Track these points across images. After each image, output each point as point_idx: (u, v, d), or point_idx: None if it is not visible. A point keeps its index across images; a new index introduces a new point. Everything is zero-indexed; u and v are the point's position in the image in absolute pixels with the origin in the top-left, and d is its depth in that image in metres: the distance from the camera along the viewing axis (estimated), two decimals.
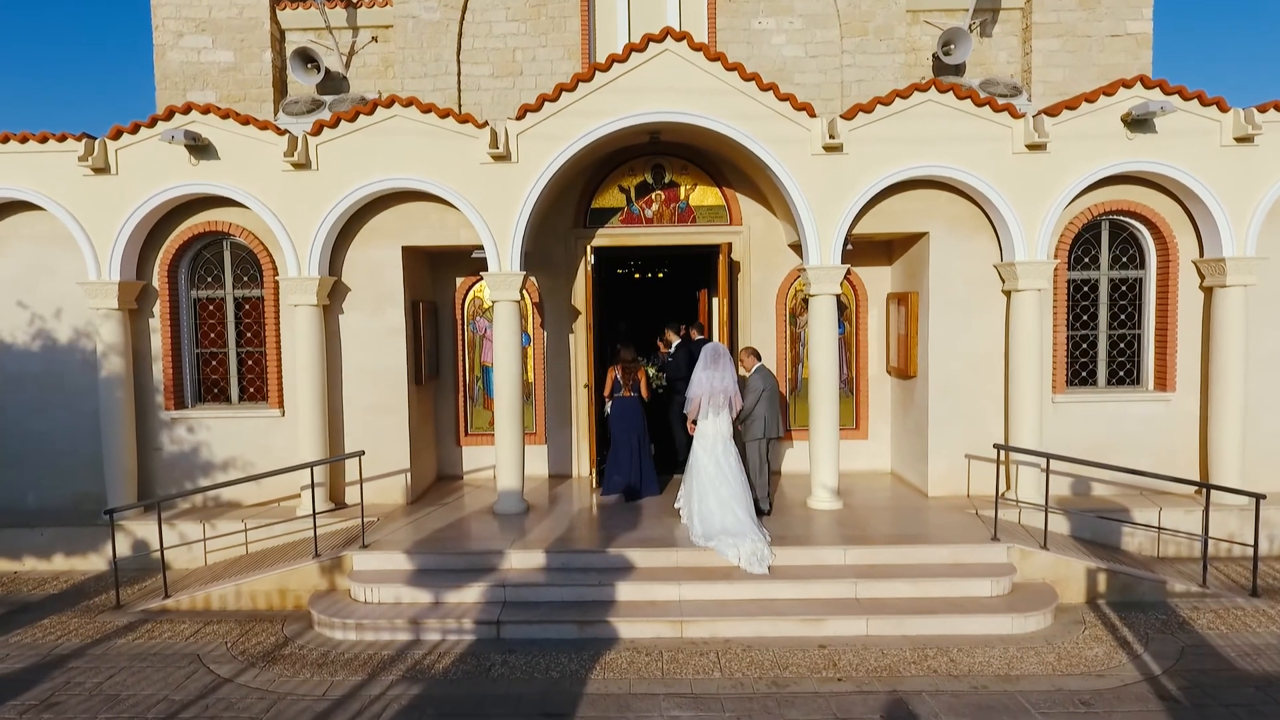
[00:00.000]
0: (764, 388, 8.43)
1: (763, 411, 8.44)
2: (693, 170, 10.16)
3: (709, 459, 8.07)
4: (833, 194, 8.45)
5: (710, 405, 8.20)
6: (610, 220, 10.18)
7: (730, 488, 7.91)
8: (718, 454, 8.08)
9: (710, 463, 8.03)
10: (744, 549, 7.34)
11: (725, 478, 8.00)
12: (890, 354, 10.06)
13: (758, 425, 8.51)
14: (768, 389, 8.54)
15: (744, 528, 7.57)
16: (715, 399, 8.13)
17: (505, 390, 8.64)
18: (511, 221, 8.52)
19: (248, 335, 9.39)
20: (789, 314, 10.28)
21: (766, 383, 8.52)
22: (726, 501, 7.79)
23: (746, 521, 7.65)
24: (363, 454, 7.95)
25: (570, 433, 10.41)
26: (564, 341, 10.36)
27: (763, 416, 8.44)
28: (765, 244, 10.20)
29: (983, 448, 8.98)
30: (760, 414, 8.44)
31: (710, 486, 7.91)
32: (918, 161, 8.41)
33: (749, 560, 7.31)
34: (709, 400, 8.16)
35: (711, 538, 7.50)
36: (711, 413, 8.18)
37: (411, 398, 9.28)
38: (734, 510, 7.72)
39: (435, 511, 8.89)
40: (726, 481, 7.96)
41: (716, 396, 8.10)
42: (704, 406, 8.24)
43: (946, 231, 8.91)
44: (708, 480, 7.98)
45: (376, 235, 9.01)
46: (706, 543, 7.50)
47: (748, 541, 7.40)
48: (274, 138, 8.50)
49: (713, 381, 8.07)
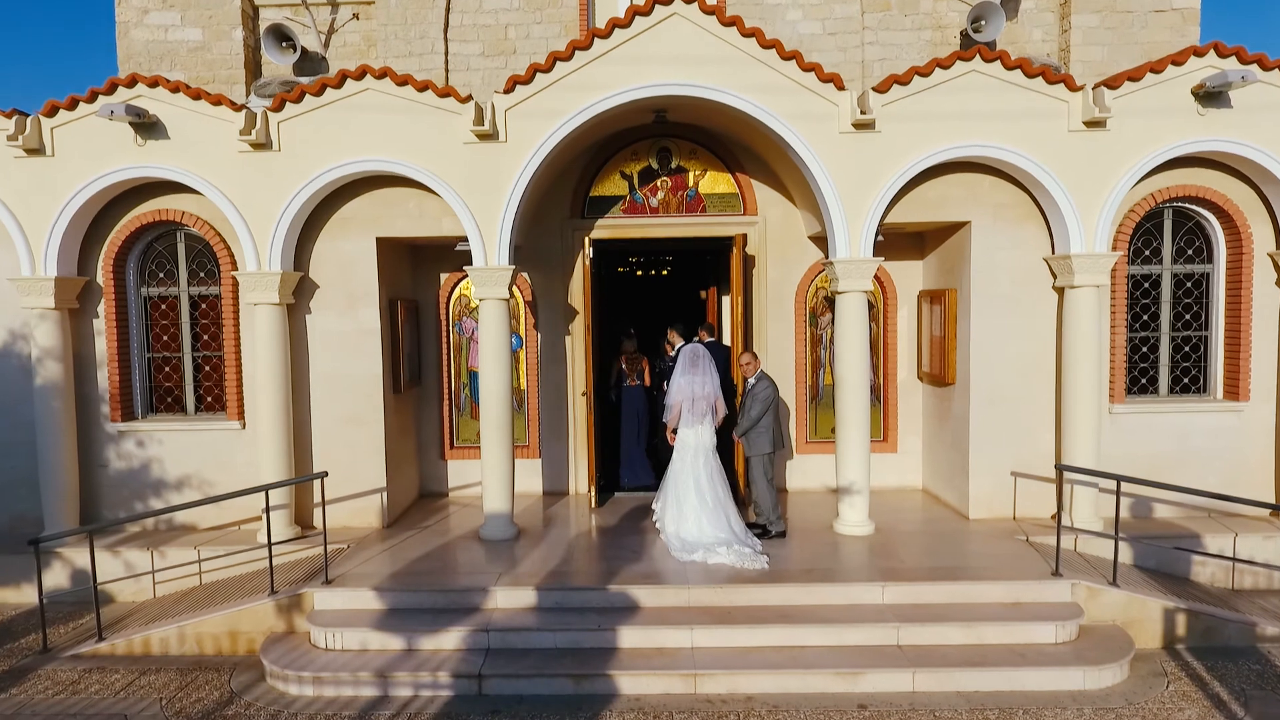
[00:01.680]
0: (771, 397, 7.52)
1: (769, 423, 7.55)
2: (702, 154, 9.16)
3: (688, 473, 7.39)
4: (863, 177, 7.45)
5: (691, 413, 7.46)
6: (611, 210, 9.18)
7: (712, 504, 7.30)
8: (699, 467, 7.37)
9: (689, 478, 7.38)
10: (729, 551, 6.91)
11: (704, 495, 7.32)
12: (922, 358, 9.06)
13: (764, 438, 7.60)
14: (777, 397, 7.64)
15: (726, 539, 7.08)
16: (696, 406, 7.42)
17: (493, 399, 7.64)
18: (499, 209, 7.52)
19: (205, 338, 8.39)
20: (809, 314, 9.28)
21: (773, 389, 7.62)
22: (707, 520, 7.24)
23: (729, 535, 7.16)
24: (325, 475, 6.93)
25: (567, 445, 9.40)
26: (559, 344, 9.35)
27: (769, 428, 7.55)
28: (782, 236, 9.20)
29: (1030, 464, 7.98)
30: (767, 425, 7.55)
31: (690, 504, 7.34)
32: (960, 141, 7.40)
33: (736, 559, 6.80)
34: (689, 407, 7.42)
35: (693, 550, 7.02)
36: (692, 420, 7.44)
37: (389, 407, 8.28)
38: (716, 528, 7.20)
39: (414, 537, 7.88)
40: (705, 500, 7.31)
41: (698, 403, 7.41)
42: (684, 414, 7.46)
43: (990, 221, 7.90)
44: (686, 497, 7.38)
45: (348, 225, 8.01)
46: (688, 556, 6.97)
47: (735, 545, 6.97)
48: (229, 114, 7.50)
49: (693, 387, 7.41)
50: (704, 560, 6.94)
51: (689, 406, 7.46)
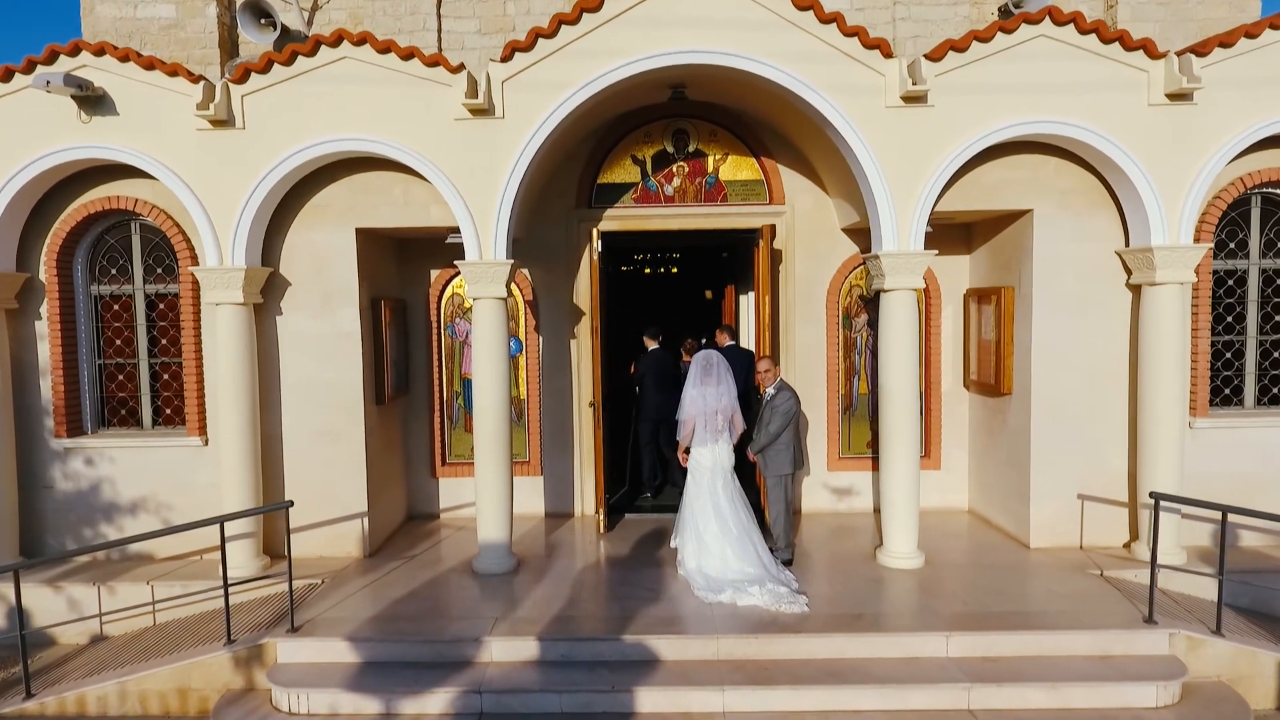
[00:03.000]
0: (793, 410, 6.64)
1: (790, 439, 6.67)
2: (723, 136, 8.19)
3: (705, 498, 6.54)
4: (913, 159, 6.49)
5: (707, 430, 6.58)
6: (621, 199, 8.22)
7: (737, 532, 6.45)
8: (717, 490, 6.48)
9: (707, 503, 6.53)
10: (762, 590, 6.02)
11: (726, 521, 6.43)
12: (971, 364, 8.09)
13: (783, 457, 6.72)
14: (798, 409, 6.77)
15: (758, 576, 6.23)
16: (712, 422, 6.56)
17: (488, 411, 6.68)
18: (495, 195, 6.56)
19: (164, 342, 7.44)
20: (842, 315, 8.31)
21: (796, 401, 6.74)
22: (732, 552, 6.37)
23: (761, 570, 6.30)
24: (290, 505, 5.96)
25: (572, 461, 8.44)
26: (563, 349, 8.39)
27: (789, 445, 6.68)
28: (813, 228, 8.23)
29: (1099, 486, 7.03)
30: (787, 442, 6.68)
31: (711, 533, 6.46)
32: (1025, 116, 6.44)
33: (771, 600, 5.86)
34: (705, 424, 6.57)
35: (720, 590, 6.13)
36: (707, 438, 6.59)
37: (370, 420, 7.32)
38: (744, 562, 6.34)
39: (398, 569, 6.92)
40: (728, 527, 6.42)
41: (713, 419, 6.55)
42: (698, 431, 6.58)
43: (1055, 209, 6.94)
44: (705, 529, 6.50)
45: (323, 215, 7.05)
46: (715, 597, 6.09)
47: (769, 583, 6.11)
48: (186, 86, 6.55)
49: (707, 400, 6.55)
50: (733, 601, 6.01)
51: (703, 423, 6.58)
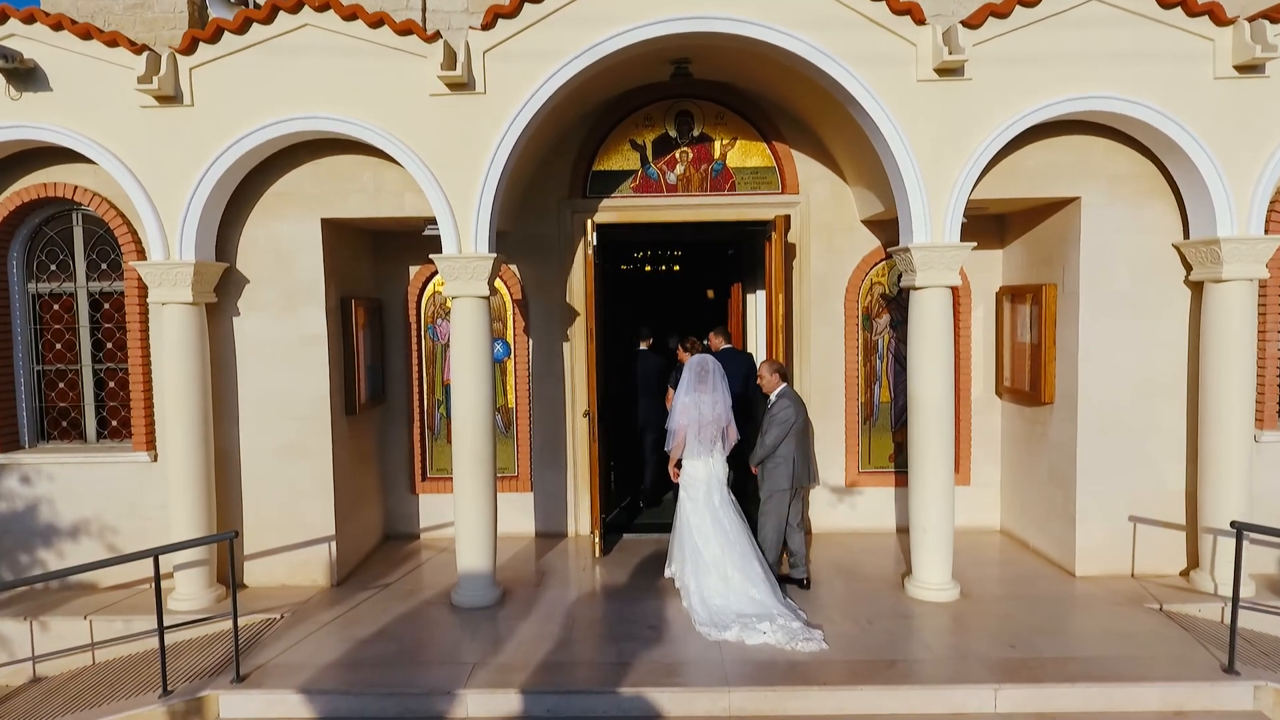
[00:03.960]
0: (794, 419, 5.98)
1: (790, 451, 6.01)
2: (731, 119, 7.45)
3: (704, 514, 5.95)
4: (949, 139, 5.74)
5: (699, 440, 5.99)
6: (619, 188, 7.48)
7: (737, 553, 5.82)
8: (714, 506, 5.94)
9: (706, 520, 5.93)
10: (774, 627, 5.33)
11: (728, 539, 5.88)
12: (1004, 370, 7.35)
13: (781, 471, 6.09)
14: (800, 419, 6.08)
15: (765, 606, 5.58)
16: (705, 432, 5.99)
17: (469, 424, 5.93)
18: (476, 180, 5.81)
19: (109, 346, 6.70)
20: (862, 315, 7.56)
21: (798, 412, 6.06)
22: (736, 570, 5.75)
23: (768, 597, 5.66)
24: (235, 536, 5.19)
25: (565, 476, 7.69)
26: (555, 353, 7.64)
27: (789, 459, 6.02)
28: (830, 220, 7.49)
29: (1153, 506, 6.29)
30: (787, 455, 6.02)
31: (710, 556, 5.84)
32: (1074, 91, 5.69)
33: (784, 637, 5.18)
34: (697, 434, 5.98)
35: (725, 626, 5.43)
36: (701, 450, 6.00)
37: (340, 433, 6.58)
38: (749, 583, 5.71)
39: (369, 601, 6.18)
40: (730, 543, 5.86)
41: (706, 429, 5.98)
42: (691, 442, 5.98)
43: (1105, 197, 6.20)
44: (705, 546, 5.88)
45: (285, 204, 6.31)
46: (720, 634, 5.39)
47: (779, 619, 5.43)
48: (127, 58, 5.80)
49: (700, 408, 5.97)
50: (740, 640, 5.31)
51: (695, 433, 5.97)
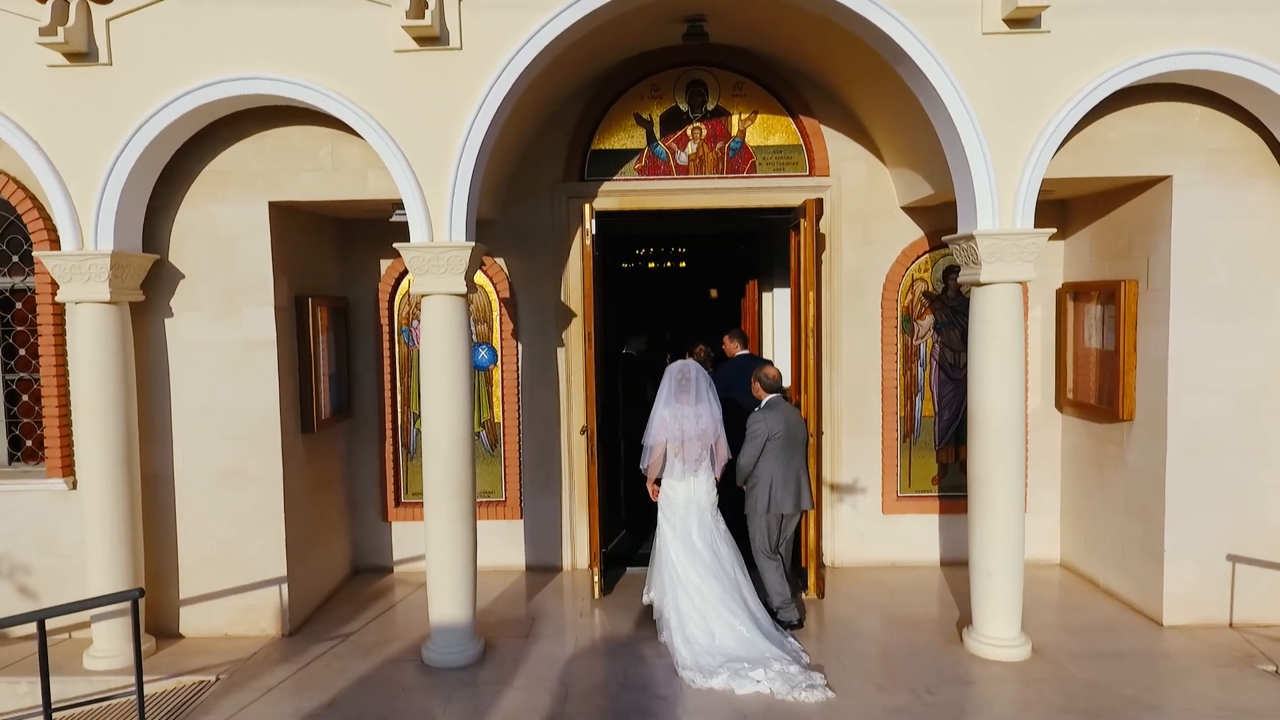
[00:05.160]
0: (768, 434, 5.17)
1: (769, 471, 5.19)
2: (751, 90, 6.46)
3: (680, 544, 5.21)
4: (1022, 103, 4.75)
5: (679, 459, 5.28)
6: (622, 169, 6.50)
7: (720, 585, 5.06)
8: (691, 535, 5.21)
9: (682, 550, 5.20)
10: (769, 673, 4.56)
11: (711, 570, 5.12)
12: (1068, 379, 6.36)
13: (759, 493, 5.35)
14: (778, 434, 5.21)
15: (757, 648, 4.81)
16: (687, 448, 5.27)
17: (440, 446, 4.92)
18: (450, 154, 4.83)
19: (22, 353, 5.71)
20: (901, 316, 6.58)
21: (777, 423, 5.22)
22: (717, 601, 4.98)
23: (759, 636, 4.90)
24: (140, 595, 4.13)
25: (559, 501, 6.70)
26: (549, 360, 6.66)
27: (768, 479, 5.20)
28: (864, 206, 6.50)
29: (1256, 543, 5.32)
30: (765, 475, 5.22)
31: (691, 587, 5.07)
32: (1174, 45, 4.72)
33: (783, 685, 4.51)
34: (677, 451, 5.28)
35: (712, 672, 4.65)
36: (683, 470, 5.27)
37: (293, 455, 5.60)
38: (735, 622, 4.94)
39: (324, 657, 5.19)
40: (714, 576, 5.10)
41: (688, 444, 5.26)
42: (670, 460, 5.30)
43: (1201, 176, 5.22)
44: (685, 576, 5.12)
45: (227, 184, 5.32)
46: (705, 680, 4.62)
47: (774, 663, 4.66)
48: (27, 4, 4.78)
49: (682, 422, 5.27)
50: (728, 687, 4.56)
51: (676, 449, 5.26)
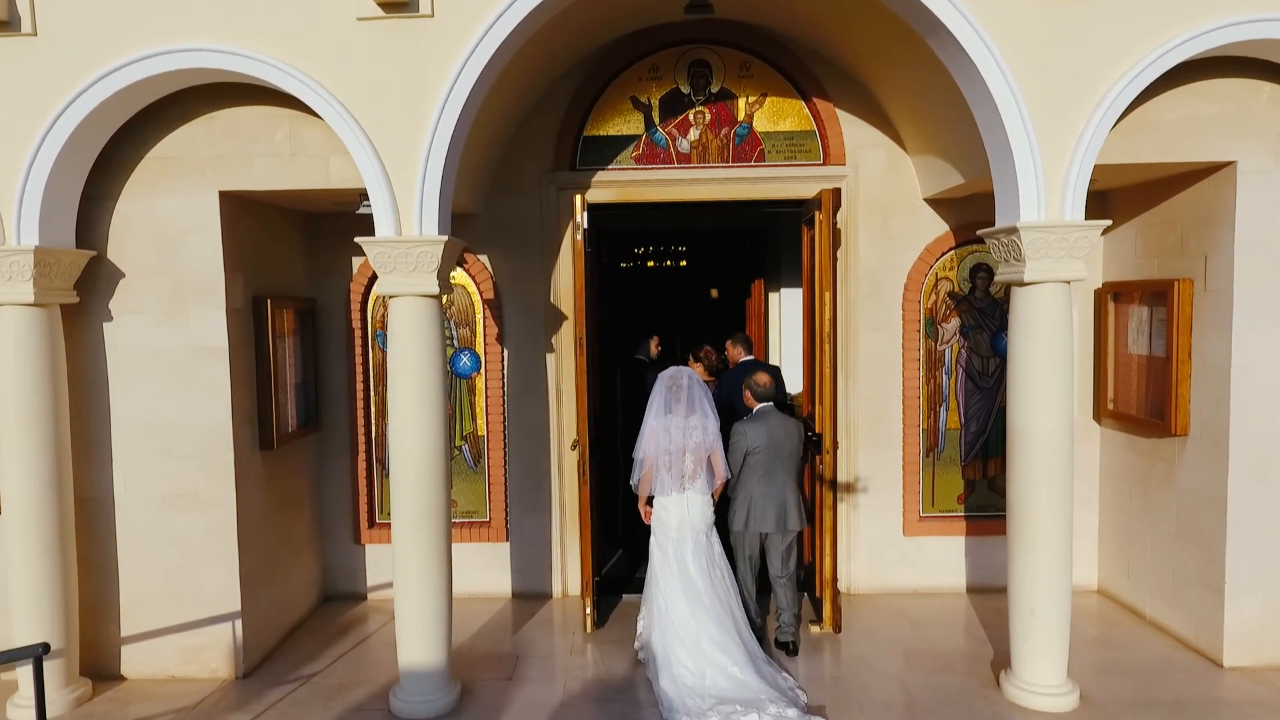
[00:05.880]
0: (746, 446, 4.92)
1: (752, 487, 4.92)
2: (760, 70, 5.88)
3: (673, 567, 4.73)
4: (1072, 77, 4.17)
5: (671, 474, 4.81)
6: (618, 158, 5.91)
7: (712, 619, 4.58)
8: (685, 558, 4.73)
9: (674, 575, 4.72)
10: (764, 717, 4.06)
11: (703, 602, 4.63)
12: (1108, 388, 5.77)
13: (739, 509, 4.95)
14: (758, 447, 4.91)
15: (751, 689, 4.29)
16: (677, 464, 4.80)
17: (410, 465, 4.33)
18: (421, 136, 4.25)
19: None
20: (924, 319, 6.00)
21: (759, 436, 4.92)
22: (709, 641, 4.49)
23: (753, 678, 4.37)
24: (44, 651, 3.52)
25: (549, 521, 6.11)
26: (538, 367, 6.07)
27: (749, 496, 4.94)
28: (884, 197, 5.92)
29: None
30: (748, 491, 4.88)
31: (678, 621, 4.59)
32: (1252, 11, 4.13)
33: None
34: (668, 466, 4.81)
35: (701, 715, 4.11)
36: (672, 485, 4.80)
37: (250, 474, 5.01)
38: (726, 661, 4.43)
39: (279, 704, 4.60)
40: (705, 609, 4.60)
41: (680, 460, 4.80)
42: (660, 476, 4.82)
43: (1271, 161, 4.63)
44: (672, 608, 4.63)
45: (172, 172, 4.74)
46: None
47: (770, 706, 4.14)
48: None
49: (672, 435, 4.81)
50: None
51: (666, 464, 4.81)
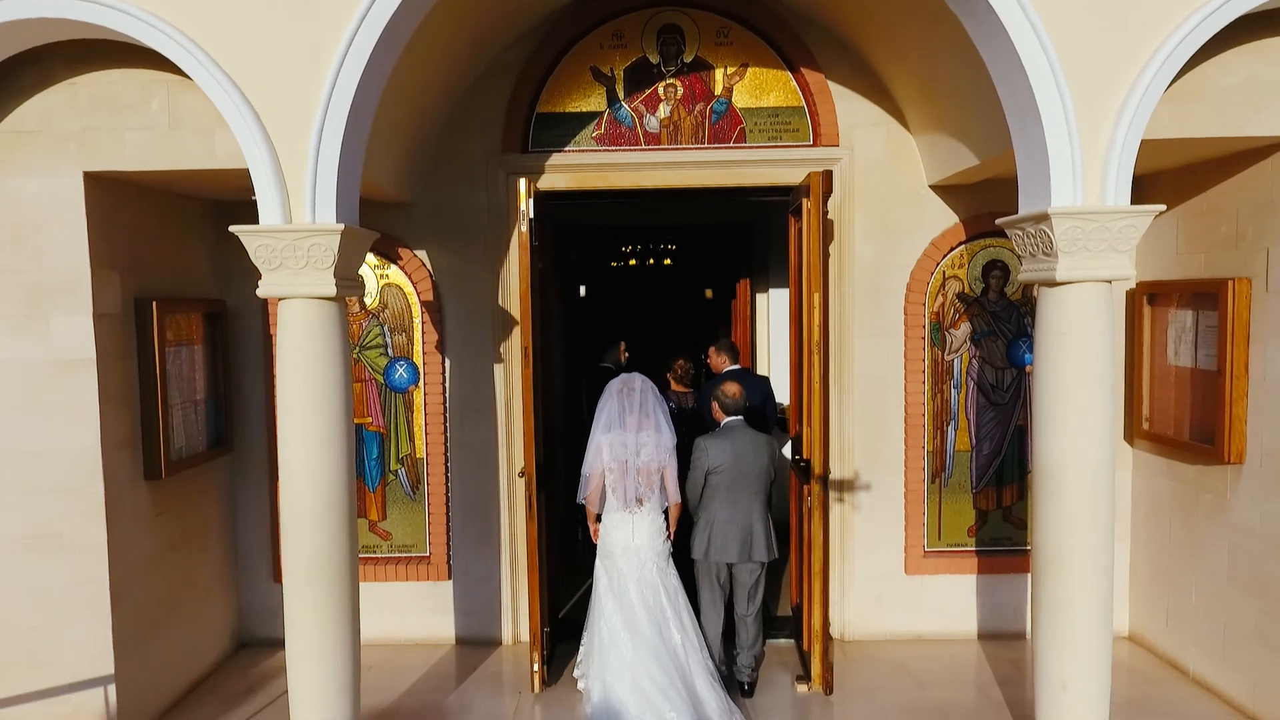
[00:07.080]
0: (708, 465, 4.38)
1: (712, 509, 4.41)
2: (740, 37, 5.09)
3: (615, 598, 4.26)
4: (1114, 33, 3.38)
5: (617, 494, 4.33)
6: (576, 137, 5.12)
7: (655, 657, 4.07)
8: (628, 590, 4.24)
9: (615, 609, 4.24)
10: None
11: (644, 636, 4.13)
12: (1145, 405, 4.99)
13: (698, 534, 4.51)
14: (721, 466, 4.36)
15: None
16: (627, 481, 4.31)
17: (305, 516, 3.52)
18: (314, 103, 3.44)
19: None
20: (930, 324, 5.21)
21: (723, 454, 4.37)
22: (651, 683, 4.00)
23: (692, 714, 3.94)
24: None
25: (497, 558, 5.29)
26: (484, 379, 5.27)
27: (707, 520, 4.42)
28: (883, 184, 5.13)
29: None
30: (710, 516, 4.42)
31: (619, 659, 4.12)
32: None
33: None
34: (616, 485, 4.33)
35: None
36: (619, 505, 4.32)
37: (130, 509, 4.21)
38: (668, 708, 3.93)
39: None
40: (648, 645, 4.11)
41: (629, 478, 4.30)
42: (608, 495, 4.37)
43: None
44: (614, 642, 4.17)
45: (27, 148, 3.94)
46: None
47: None
48: None
49: (625, 449, 4.31)
50: None
51: (613, 483, 4.34)
